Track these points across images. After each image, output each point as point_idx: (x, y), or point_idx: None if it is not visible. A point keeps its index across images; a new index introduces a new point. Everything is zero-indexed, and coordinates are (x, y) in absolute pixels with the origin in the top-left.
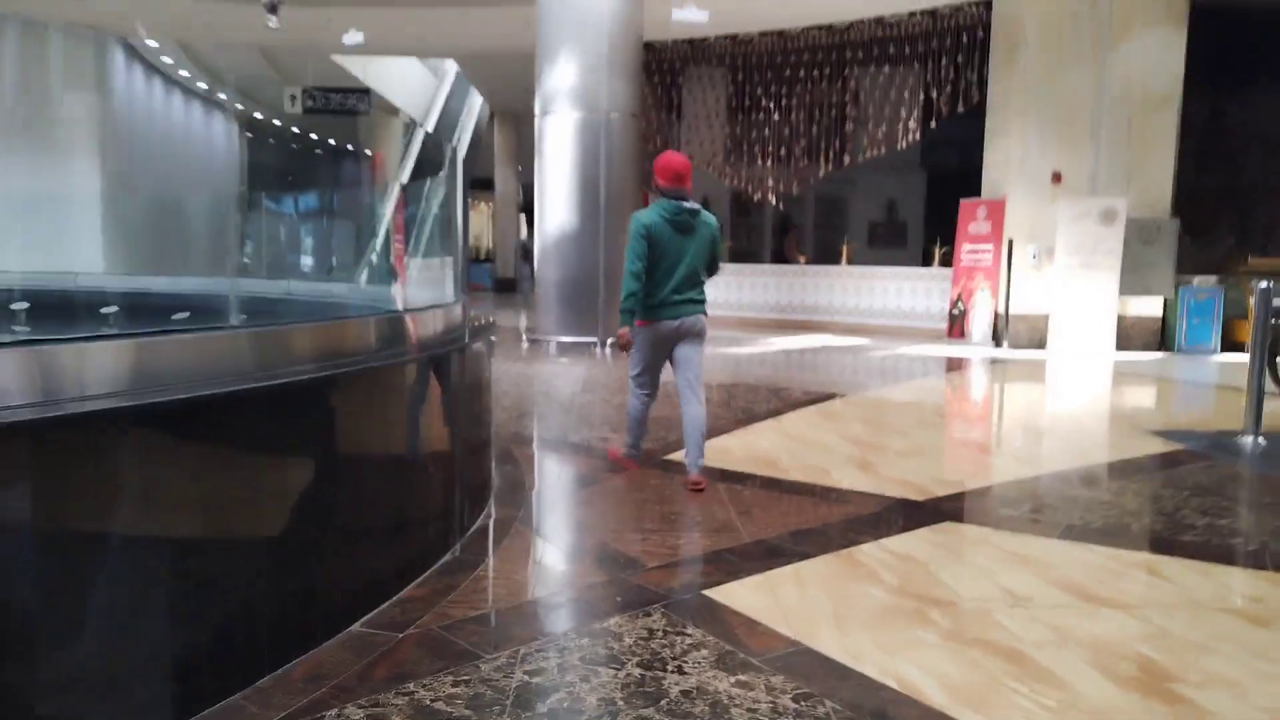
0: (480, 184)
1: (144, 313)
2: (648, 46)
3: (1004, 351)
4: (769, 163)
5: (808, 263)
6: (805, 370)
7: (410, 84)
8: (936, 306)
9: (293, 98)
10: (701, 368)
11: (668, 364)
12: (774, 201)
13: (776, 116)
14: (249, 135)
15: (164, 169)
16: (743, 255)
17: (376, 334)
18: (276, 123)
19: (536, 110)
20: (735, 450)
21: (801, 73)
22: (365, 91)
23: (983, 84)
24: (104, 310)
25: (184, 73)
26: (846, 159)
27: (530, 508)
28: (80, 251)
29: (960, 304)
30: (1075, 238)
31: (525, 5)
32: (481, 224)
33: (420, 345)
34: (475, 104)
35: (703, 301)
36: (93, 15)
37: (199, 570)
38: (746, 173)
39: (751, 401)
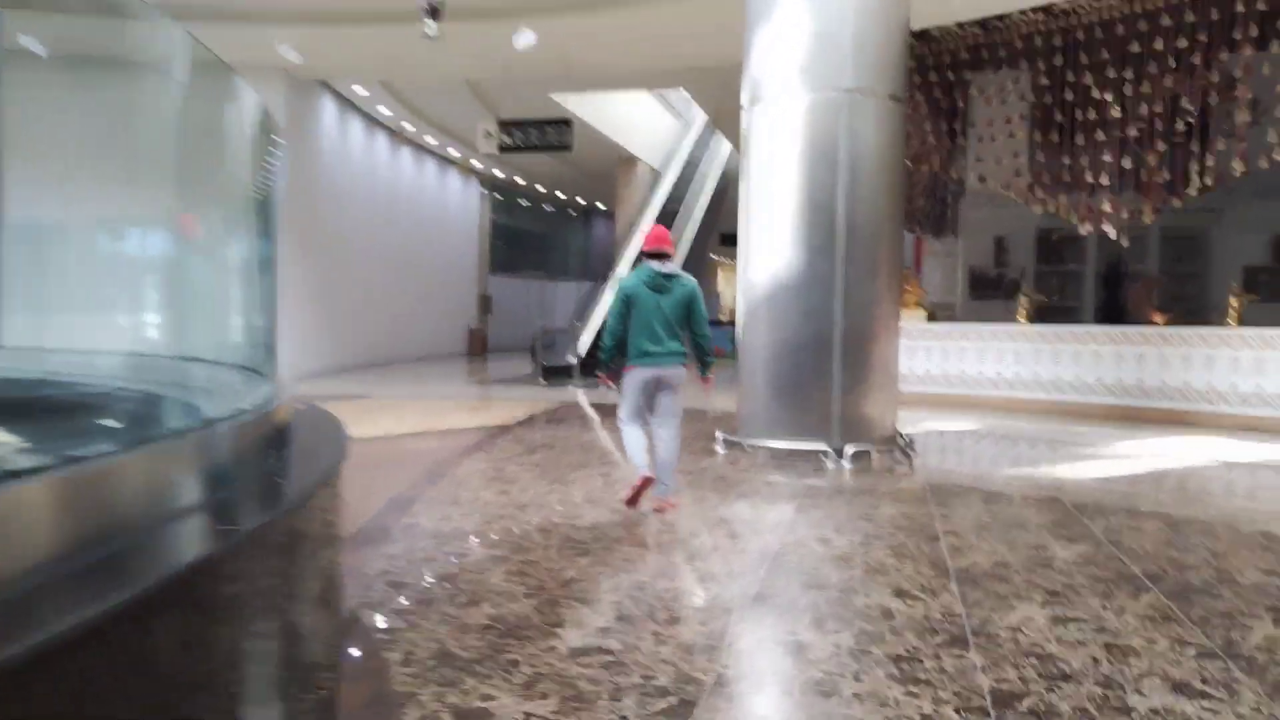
0: (728, 239)
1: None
2: (922, 36)
3: None
4: (1102, 180)
5: (1167, 324)
6: (1223, 542)
7: (652, 129)
8: None
9: (487, 134)
10: (679, 406)
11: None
12: (1114, 235)
13: (1115, 113)
14: (495, 196)
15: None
16: (1052, 314)
17: None
18: (520, 180)
19: (744, 101)
20: None
21: (1158, 45)
22: (565, 123)
23: None
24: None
25: (407, 125)
26: (1238, 167)
27: None
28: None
29: None
30: None
31: None
32: (726, 283)
33: None
34: (723, 152)
35: (683, 354)
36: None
37: None
38: (1067, 197)
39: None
